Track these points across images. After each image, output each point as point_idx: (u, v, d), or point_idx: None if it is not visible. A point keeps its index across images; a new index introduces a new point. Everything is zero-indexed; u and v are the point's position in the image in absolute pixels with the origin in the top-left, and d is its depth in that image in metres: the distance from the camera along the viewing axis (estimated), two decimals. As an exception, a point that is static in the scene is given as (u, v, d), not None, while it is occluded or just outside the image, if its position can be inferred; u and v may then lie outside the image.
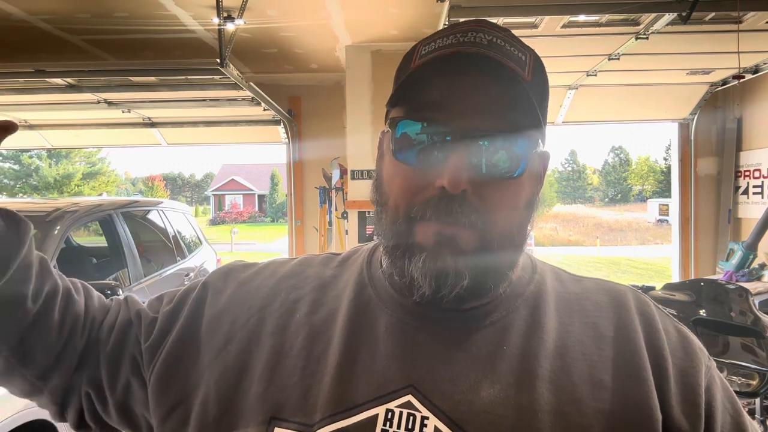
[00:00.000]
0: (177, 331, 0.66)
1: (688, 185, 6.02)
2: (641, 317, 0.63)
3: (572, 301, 0.64)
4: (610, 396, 0.56)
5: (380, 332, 0.61)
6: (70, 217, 3.23)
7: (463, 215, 0.55)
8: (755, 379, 2.08)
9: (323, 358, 0.60)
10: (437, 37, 0.59)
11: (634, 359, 0.59)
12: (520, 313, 0.62)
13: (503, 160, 0.57)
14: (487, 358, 0.58)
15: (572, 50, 4.28)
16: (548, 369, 0.57)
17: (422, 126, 0.57)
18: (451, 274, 0.56)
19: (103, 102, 5.58)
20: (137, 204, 4.53)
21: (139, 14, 3.93)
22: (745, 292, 2.30)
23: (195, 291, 0.70)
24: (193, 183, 51.53)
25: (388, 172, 0.61)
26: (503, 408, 0.55)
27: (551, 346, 0.59)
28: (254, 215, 39.55)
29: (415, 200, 0.57)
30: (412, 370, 0.57)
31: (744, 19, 3.57)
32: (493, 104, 0.56)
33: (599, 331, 0.61)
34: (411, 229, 0.57)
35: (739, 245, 4.63)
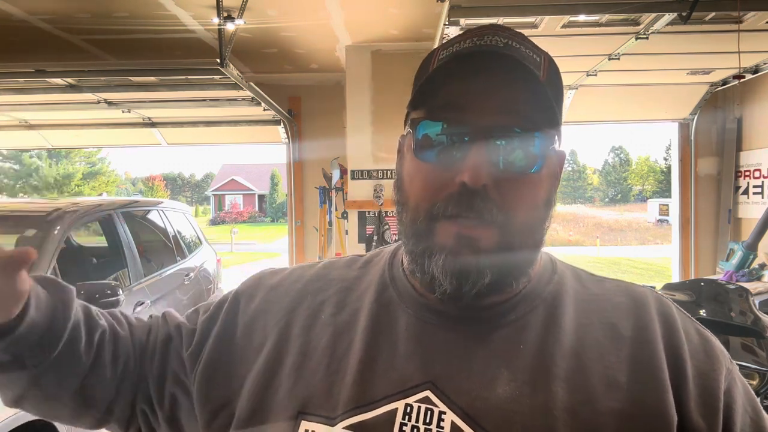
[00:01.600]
0: (214, 338, 0.70)
1: (688, 185, 6.02)
2: (661, 318, 0.63)
3: (591, 301, 0.65)
4: (625, 396, 0.57)
5: (401, 331, 0.63)
6: (70, 217, 3.23)
7: (484, 210, 0.56)
8: (755, 379, 2.08)
9: (346, 356, 0.63)
10: (454, 42, 0.61)
11: (652, 360, 0.59)
12: (539, 313, 0.63)
13: (521, 157, 0.58)
14: (504, 356, 0.59)
15: (572, 50, 4.28)
16: (564, 368, 0.58)
17: (442, 125, 0.58)
18: (472, 272, 0.57)
19: (103, 102, 5.58)
20: (137, 204, 4.53)
21: (139, 14, 3.93)
22: (745, 292, 2.30)
23: (228, 300, 0.74)
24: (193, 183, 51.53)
25: (408, 171, 0.62)
26: (518, 405, 0.56)
27: (568, 345, 0.60)
28: (254, 215, 39.55)
29: (436, 198, 0.58)
30: (430, 367, 0.59)
31: (744, 19, 3.57)
32: (509, 102, 0.58)
33: (617, 331, 0.62)
34: (432, 226, 0.58)
35: (739, 245, 4.63)
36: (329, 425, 0.59)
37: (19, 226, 3.22)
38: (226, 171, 42.97)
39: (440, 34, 3.53)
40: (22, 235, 3.13)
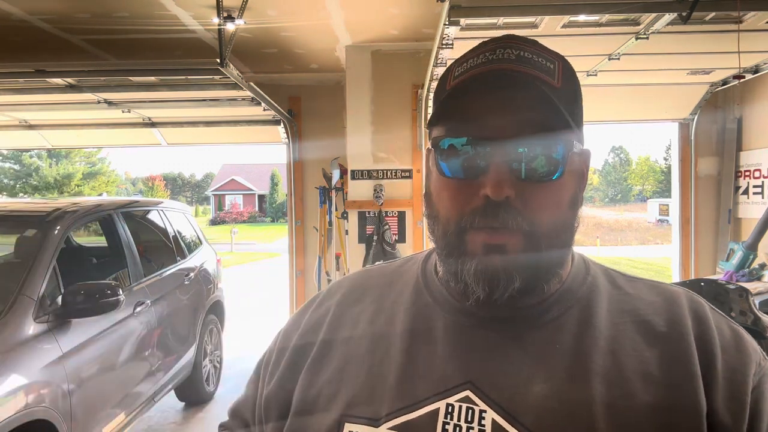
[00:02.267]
0: (279, 372, 0.76)
1: (688, 185, 6.02)
2: (693, 314, 0.66)
3: (625, 301, 0.67)
4: (660, 390, 0.59)
5: (439, 334, 0.66)
6: (70, 217, 3.23)
7: (509, 219, 0.59)
8: (755, 379, 2.08)
9: (386, 360, 0.66)
10: (469, 57, 0.65)
11: (684, 355, 0.61)
12: (573, 314, 0.65)
13: (541, 165, 0.61)
14: (541, 355, 0.62)
15: (572, 50, 4.27)
16: (600, 365, 0.60)
17: (462, 142, 0.61)
18: (502, 278, 0.60)
19: (103, 102, 5.57)
20: (137, 204, 4.53)
21: (139, 14, 3.93)
22: (745, 292, 2.29)
23: (278, 340, 0.81)
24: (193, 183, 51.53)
25: (436, 187, 0.66)
26: (556, 401, 0.58)
27: (603, 344, 0.62)
28: (254, 215, 39.55)
29: (463, 211, 0.62)
30: (469, 367, 0.62)
31: (744, 19, 3.57)
32: (525, 114, 0.60)
33: (651, 327, 0.64)
34: (462, 238, 0.62)
35: (739, 245, 4.63)
36: (374, 426, 0.62)
37: (19, 226, 3.22)
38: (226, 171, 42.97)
39: (440, 34, 3.53)
40: (22, 235, 3.13)
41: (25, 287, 2.71)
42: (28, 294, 2.70)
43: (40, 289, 2.75)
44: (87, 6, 3.78)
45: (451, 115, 0.63)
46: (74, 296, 2.81)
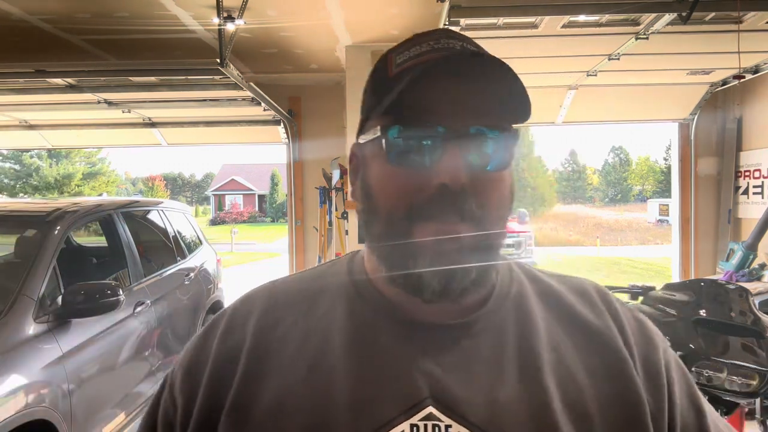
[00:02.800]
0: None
1: (688, 185, 6.02)
2: (606, 305, 0.68)
3: (549, 294, 0.68)
4: (606, 382, 0.61)
5: (385, 348, 0.61)
6: (70, 217, 3.23)
7: (464, 209, 0.57)
8: (755, 379, 2.08)
9: (332, 386, 0.59)
10: (410, 46, 0.62)
11: (613, 345, 0.64)
12: (512, 313, 0.64)
13: (495, 156, 0.59)
14: (493, 360, 0.60)
15: (572, 50, 4.28)
16: (548, 362, 0.61)
17: (415, 129, 0.58)
18: (458, 269, 0.58)
19: (103, 102, 5.57)
20: (137, 204, 4.53)
21: (139, 14, 3.93)
22: (745, 292, 2.29)
23: (175, 391, 0.69)
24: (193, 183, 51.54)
25: (379, 178, 0.61)
26: (518, 404, 0.58)
27: (545, 340, 0.63)
28: (254, 215, 39.55)
29: (413, 200, 0.58)
30: (427, 381, 0.58)
31: (744, 19, 3.57)
32: (481, 102, 0.59)
33: (578, 320, 0.65)
34: (411, 229, 0.58)
35: (739, 245, 4.63)
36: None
37: (19, 226, 3.22)
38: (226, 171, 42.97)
39: (440, 34, 3.53)
40: (22, 235, 3.13)
41: (25, 287, 2.71)
42: (28, 294, 2.69)
43: (40, 289, 2.75)
44: (87, 6, 3.78)
45: (400, 102, 0.58)
46: (74, 296, 2.81)
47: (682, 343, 2.18)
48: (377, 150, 0.61)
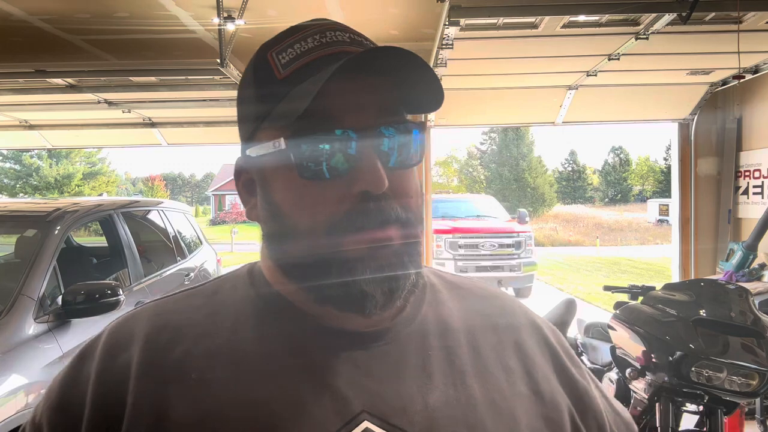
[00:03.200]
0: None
1: (688, 185, 6.01)
2: (513, 304, 0.70)
3: (461, 296, 0.68)
4: (523, 379, 0.62)
5: (310, 367, 0.56)
6: (70, 217, 3.23)
7: (390, 212, 0.54)
8: (755, 379, 2.08)
9: (258, 409, 0.53)
10: (291, 42, 0.57)
11: (525, 342, 0.65)
12: (430, 315, 0.63)
13: (408, 152, 0.57)
14: (420, 365, 0.58)
15: (572, 50, 4.28)
16: (470, 363, 0.60)
17: (325, 137, 0.53)
18: (400, 275, 0.55)
19: (103, 102, 5.58)
20: (137, 204, 4.53)
21: (139, 14, 3.93)
22: (745, 292, 2.29)
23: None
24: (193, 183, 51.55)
25: (290, 194, 0.56)
26: (451, 409, 0.56)
27: (464, 341, 0.62)
28: (254, 215, 39.50)
29: (334, 214, 0.54)
30: (358, 395, 0.55)
31: (744, 19, 3.57)
32: (388, 98, 0.57)
33: (490, 320, 0.66)
34: (338, 245, 0.53)
35: (739, 245, 4.63)
36: None
37: (19, 226, 3.22)
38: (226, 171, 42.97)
39: (440, 34, 3.53)
40: (22, 235, 3.13)
41: (25, 287, 2.71)
42: (28, 294, 2.70)
43: (40, 289, 2.75)
44: (87, 6, 3.78)
45: (298, 107, 0.52)
46: (74, 296, 2.81)
47: (682, 342, 2.18)
48: (281, 163, 0.55)
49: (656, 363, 2.25)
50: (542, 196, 35.88)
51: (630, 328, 2.41)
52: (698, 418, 2.37)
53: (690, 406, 2.37)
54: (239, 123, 0.62)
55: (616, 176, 43.41)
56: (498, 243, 9.63)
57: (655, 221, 28.04)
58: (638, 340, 2.33)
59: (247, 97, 0.60)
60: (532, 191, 35.70)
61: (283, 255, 0.58)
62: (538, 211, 33.90)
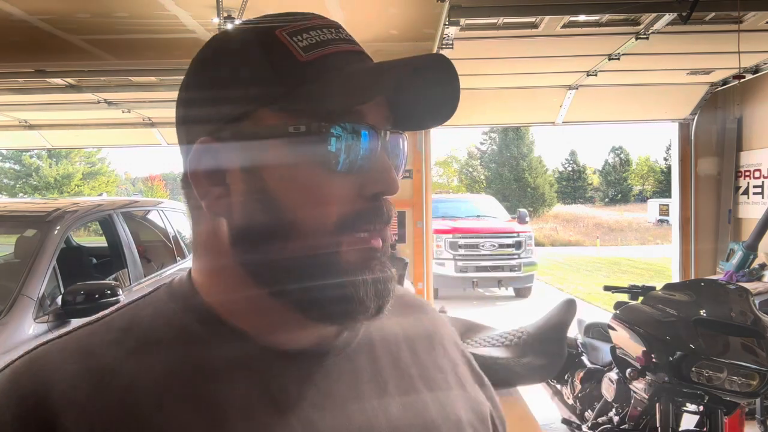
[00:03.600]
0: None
1: (688, 185, 6.02)
2: (430, 310, 0.71)
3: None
4: (454, 377, 0.64)
5: (277, 394, 0.51)
6: (70, 217, 3.23)
7: (387, 220, 0.53)
8: (755, 379, 2.08)
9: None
10: (305, 27, 0.52)
11: (446, 341, 0.67)
12: (368, 327, 0.60)
13: (405, 160, 0.57)
14: (374, 376, 0.57)
15: (572, 50, 4.28)
16: (413, 367, 0.61)
17: (349, 131, 0.50)
18: (389, 284, 0.53)
19: (103, 102, 5.58)
20: (137, 204, 4.54)
21: (139, 14, 3.93)
22: (746, 292, 2.30)
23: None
24: (193, 183, 51.42)
25: (296, 184, 0.50)
26: (411, 414, 0.56)
27: (404, 345, 0.62)
28: (254, 215, 39.53)
29: (343, 212, 0.50)
30: (324, 418, 0.51)
31: (744, 19, 3.57)
32: (417, 106, 0.56)
33: (418, 323, 0.66)
34: (340, 248, 0.50)
35: (739, 245, 4.64)
36: None
37: (19, 226, 3.22)
38: (226, 171, 42.96)
39: (440, 34, 3.53)
40: (22, 235, 3.13)
41: (25, 287, 2.71)
42: (28, 294, 2.70)
43: (40, 289, 2.75)
44: (87, 6, 3.78)
45: (317, 96, 0.49)
46: (74, 296, 2.81)
47: (682, 343, 2.18)
48: (293, 151, 0.50)
49: (656, 363, 2.25)
50: (542, 196, 35.87)
51: (630, 328, 2.41)
52: (698, 419, 2.37)
53: (690, 407, 2.37)
54: (210, 104, 0.53)
55: (616, 176, 43.40)
56: (498, 243, 9.63)
57: (656, 221, 28.04)
58: (638, 340, 2.34)
59: (242, 73, 0.52)
60: (532, 191, 35.69)
61: (265, 254, 0.51)
62: (538, 211, 33.89)
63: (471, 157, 39.45)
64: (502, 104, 5.88)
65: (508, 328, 2.49)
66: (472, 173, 38.59)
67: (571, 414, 3.15)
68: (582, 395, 3.07)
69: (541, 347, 2.29)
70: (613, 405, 2.78)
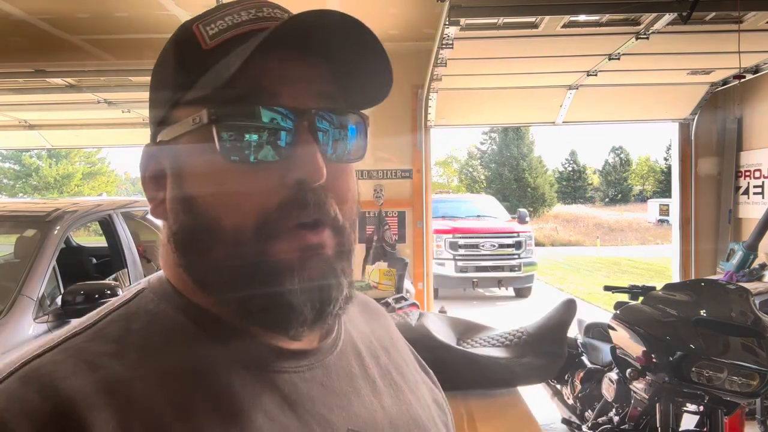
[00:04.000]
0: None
1: (688, 185, 6.01)
2: (378, 305, 0.73)
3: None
4: (416, 369, 0.68)
5: (286, 397, 0.49)
6: (70, 217, 3.23)
7: (324, 211, 0.47)
8: (755, 379, 2.08)
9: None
10: (221, 15, 0.49)
11: (399, 337, 0.70)
12: (347, 323, 0.61)
13: (351, 142, 0.51)
14: (364, 372, 0.57)
15: (572, 50, 4.27)
16: (390, 362, 0.63)
17: (256, 110, 0.45)
18: (333, 285, 0.48)
19: (103, 102, 5.58)
20: (137, 204, 4.53)
21: (139, 14, 3.93)
22: (746, 292, 2.30)
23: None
24: (193, 183, 51.46)
25: (211, 182, 0.46)
26: (398, 407, 0.58)
27: (377, 345, 0.64)
28: (254, 215, 39.53)
29: (266, 206, 0.46)
30: (337, 415, 0.51)
31: (744, 19, 3.57)
32: (330, 79, 0.50)
33: (379, 320, 0.69)
34: (268, 245, 0.46)
35: (739, 245, 4.63)
36: None
37: (19, 226, 3.22)
38: (226, 171, 43.01)
39: (440, 34, 3.53)
40: (22, 235, 3.13)
41: (24, 287, 2.71)
42: (27, 294, 2.70)
43: (40, 290, 2.75)
44: (87, 6, 3.78)
45: (226, 84, 0.43)
46: (74, 296, 2.81)
47: (683, 343, 2.18)
48: (201, 146, 0.46)
49: (657, 363, 2.25)
50: (542, 196, 35.86)
51: (630, 328, 2.41)
52: (698, 419, 2.37)
53: (690, 407, 2.37)
54: (151, 108, 0.51)
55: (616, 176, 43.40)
56: (498, 243, 9.63)
57: (656, 221, 28.04)
58: (638, 340, 2.33)
59: (163, 74, 0.49)
60: (532, 191, 35.68)
61: (197, 260, 0.48)
62: (538, 211, 33.88)
63: (471, 157, 39.45)
64: (502, 104, 5.88)
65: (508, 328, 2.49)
66: (472, 173, 38.58)
67: (571, 414, 3.15)
68: (582, 395, 3.07)
69: (541, 347, 2.29)
70: (613, 405, 2.78)
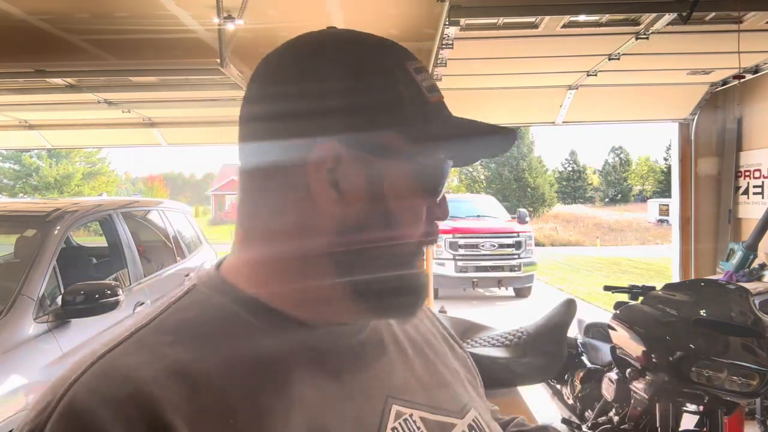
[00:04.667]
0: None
1: (688, 185, 6.01)
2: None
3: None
4: (445, 341, 0.77)
5: (336, 371, 0.57)
6: (70, 217, 3.23)
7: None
8: (755, 379, 2.08)
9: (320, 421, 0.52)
10: (419, 68, 0.60)
11: (428, 318, 0.78)
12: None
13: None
14: (396, 347, 0.66)
15: (572, 50, 4.28)
16: (417, 336, 0.71)
17: (446, 159, 0.60)
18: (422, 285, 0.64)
19: (103, 102, 5.58)
20: (137, 204, 4.54)
21: (139, 14, 3.93)
22: (746, 292, 2.29)
23: None
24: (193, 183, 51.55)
25: (404, 192, 0.58)
26: (434, 376, 0.67)
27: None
28: (254, 215, 39.47)
29: (419, 225, 0.60)
30: (377, 384, 0.60)
31: (744, 19, 3.57)
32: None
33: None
34: (416, 252, 0.61)
35: (739, 245, 4.63)
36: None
37: (19, 226, 3.22)
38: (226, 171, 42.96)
39: (440, 34, 3.53)
40: (22, 235, 3.13)
41: (25, 287, 2.71)
42: (28, 294, 2.70)
43: (40, 289, 2.75)
44: (87, 6, 3.78)
45: (439, 124, 0.59)
46: (74, 296, 2.81)
47: (682, 343, 2.18)
48: (414, 172, 0.58)
49: (656, 363, 2.25)
50: (542, 196, 35.86)
51: (630, 328, 2.41)
52: (698, 419, 2.36)
53: (690, 407, 2.37)
54: (347, 110, 0.56)
55: (616, 176, 43.40)
56: (498, 243, 9.63)
57: (655, 221, 28.04)
58: (638, 340, 2.33)
59: (381, 96, 0.57)
60: (532, 191, 35.69)
61: (360, 253, 0.57)
62: (538, 211, 33.88)
63: (471, 157, 39.41)
64: (502, 104, 5.88)
65: (508, 328, 2.49)
66: (472, 173, 38.57)
67: (571, 414, 3.15)
68: (582, 395, 3.07)
69: (541, 347, 2.29)
70: (613, 405, 2.78)
